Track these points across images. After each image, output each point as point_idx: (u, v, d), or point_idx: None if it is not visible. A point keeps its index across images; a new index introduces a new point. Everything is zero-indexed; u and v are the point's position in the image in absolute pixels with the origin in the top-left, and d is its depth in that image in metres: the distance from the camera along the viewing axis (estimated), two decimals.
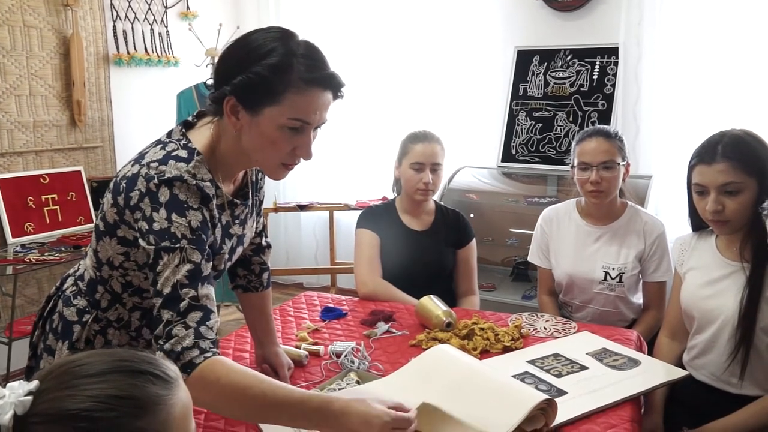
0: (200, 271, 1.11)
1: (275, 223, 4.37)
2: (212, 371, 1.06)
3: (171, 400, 0.72)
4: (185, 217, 1.11)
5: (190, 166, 1.15)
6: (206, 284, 1.12)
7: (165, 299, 1.09)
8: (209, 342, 1.08)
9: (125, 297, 1.28)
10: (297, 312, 1.97)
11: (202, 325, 1.08)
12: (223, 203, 1.24)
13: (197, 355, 1.06)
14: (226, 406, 1.09)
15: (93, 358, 0.71)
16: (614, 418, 1.33)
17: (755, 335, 1.53)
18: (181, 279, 1.09)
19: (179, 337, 1.06)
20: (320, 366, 1.58)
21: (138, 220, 1.13)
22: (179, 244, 1.10)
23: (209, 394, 1.06)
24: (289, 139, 1.16)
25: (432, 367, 1.45)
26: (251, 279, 1.55)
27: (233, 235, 1.30)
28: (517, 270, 3.44)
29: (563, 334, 1.77)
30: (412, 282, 2.10)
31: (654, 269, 2.09)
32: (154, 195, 1.11)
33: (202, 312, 1.09)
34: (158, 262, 1.10)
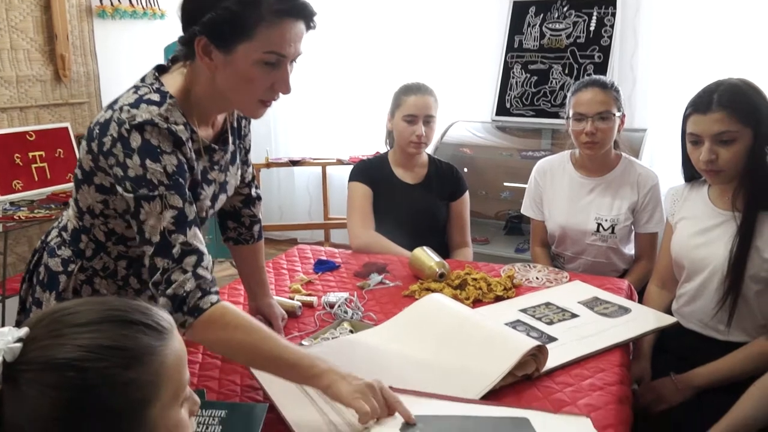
0: (185, 215, 1.12)
1: (268, 179, 4.37)
2: (223, 316, 1.10)
3: (164, 350, 0.71)
4: (160, 163, 1.12)
5: (162, 110, 1.14)
6: (193, 227, 1.14)
7: (156, 247, 1.11)
8: (209, 282, 1.12)
9: (109, 245, 1.29)
10: (290, 265, 1.99)
11: (198, 267, 1.11)
12: (199, 148, 1.24)
13: (201, 297, 1.10)
14: (230, 352, 1.15)
15: (84, 307, 0.71)
16: (603, 363, 1.37)
17: (744, 283, 1.56)
18: (168, 226, 1.11)
19: (179, 282, 1.09)
20: (314, 316, 1.61)
21: (112, 166, 1.14)
22: (158, 191, 1.11)
23: (216, 339, 1.11)
24: (267, 75, 1.16)
25: (425, 315, 1.49)
26: (242, 232, 1.56)
27: (212, 181, 1.30)
28: (510, 223, 3.47)
29: (555, 284, 1.81)
30: (405, 235, 2.13)
31: (646, 220, 2.12)
32: (125, 140, 1.11)
33: (196, 255, 1.12)
34: (140, 210, 1.11)
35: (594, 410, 1.19)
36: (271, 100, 1.21)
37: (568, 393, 1.25)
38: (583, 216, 2.13)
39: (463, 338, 1.37)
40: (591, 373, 1.33)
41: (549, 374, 1.31)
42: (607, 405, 1.21)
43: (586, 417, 1.15)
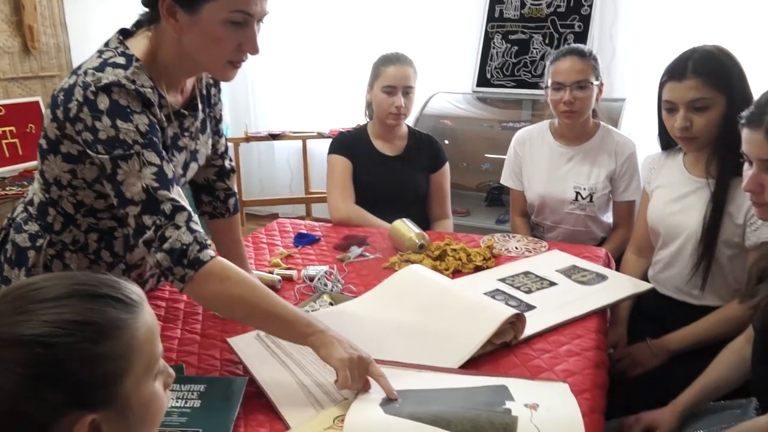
0: (164, 172, 1.11)
1: (247, 154, 4.33)
2: (222, 270, 1.10)
3: (134, 324, 0.70)
4: (131, 122, 1.10)
5: (128, 72, 1.13)
6: (176, 185, 1.13)
7: (143, 206, 1.09)
8: (203, 236, 1.12)
9: (79, 218, 1.28)
10: (270, 239, 1.99)
11: (190, 222, 1.11)
12: (169, 113, 1.22)
13: (200, 249, 1.09)
14: (227, 306, 1.14)
15: (50, 282, 0.70)
16: (580, 329, 1.39)
17: (717, 248, 1.59)
18: (151, 183, 1.10)
19: (175, 236, 1.08)
20: (293, 290, 1.60)
21: (81, 132, 1.12)
22: (133, 150, 1.09)
23: (215, 292, 1.10)
24: (234, 35, 1.14)
25: (404, 286, 1.49)
26: (217, 205, 1.55)
27: (183, 148, 1.29)
28: (491, 195, 3.48)
29: (534, 253, 1.82)
30: (385, 207, 2.13)
31: (624, 188, 2.14)
32: (92, 103, 1.10)
33: (186, 211, 1.11)
34: (117, 172, 1.10)
35: (571, 375, 1.21)
36: (240, 61, 1.20)
37: (545, 359, 1.27)
38: (562, 185, 2.15)
39: (442, 308, 1.38)
40: (568, 339, 1.35)
41: (527, 341, 1.33)
42: (583, 370, 1.23)
43: (564, 382, 1.17)
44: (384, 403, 1.07)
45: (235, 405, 1.07)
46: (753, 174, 1.12)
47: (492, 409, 1.03)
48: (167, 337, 1.35)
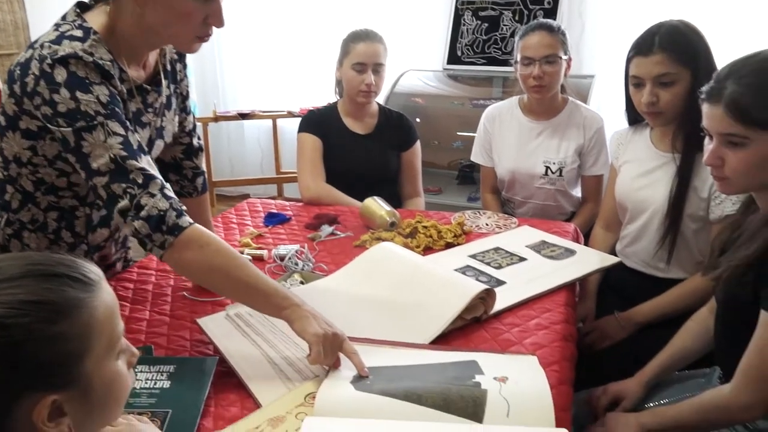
0: (130, 142, 1.10)
1: (217, 134, 4.28)
2: (201, 236, 1.10)
3: (92, 302, 0.69)
4: (91, 93, 1.08)
5: (85, 45, 1.11)
6: (144, 154, 1.12)
7: (112, 175, 1.08)
8: (179, 204, 1.11)
9: (38, 196, 1.25)
10: (240, 219, 1.97)
11: (164, 190, 1.10)
12: (131, 88, 1.20)
13: (178, 216, 1.09)
14: (204, 274, 1.13)
15: (4, 263, 0.68)
16: (549, 303, 1.41)
17: (682, 222, 1.62)
18: (118, 152, 1.08)
19: (151, 204, 1.07)
20: (264, 269, 1.59)
21: (39, 106, 1.10)
22: (96, 121, 1.08)
23: (193, 259, 1.09)
24: (201, 9, 1.13)
25: (375, 264, 1.50)
26: (184, 184, 1.53)
27: (147, 124, 1.27)
28: (462, 173, 3.49)
29: (504, 230, 1.84)
30: (356, 186, 2.12)
31: (592, 163, 2.16)
32: (49, 76, 1.07)
33: (158, 179, 1.11)
34: (81, 144, 1.08)
35: (540, 348, 1.23)
36: (207, 35, 1.18)
37: (515, 333, 1.29)
38: (532, 160, 2.16)
39: (413, 285, 1.39)
40: (537, 313, 1.37)
41: (497, 316, 1.35)
42: (552, 343, 1.25)
43: (533, 355, 1.18)
44: (355, 380, 1.07)
45: (205, 385, 1.07)
46: (713, 148, 1.13)
47: (462, 383, 1.04)
48: (135, 319, 1.34)
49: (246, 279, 1.10)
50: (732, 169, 1.12)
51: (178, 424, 0.97)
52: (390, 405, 0.98)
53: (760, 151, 1.08)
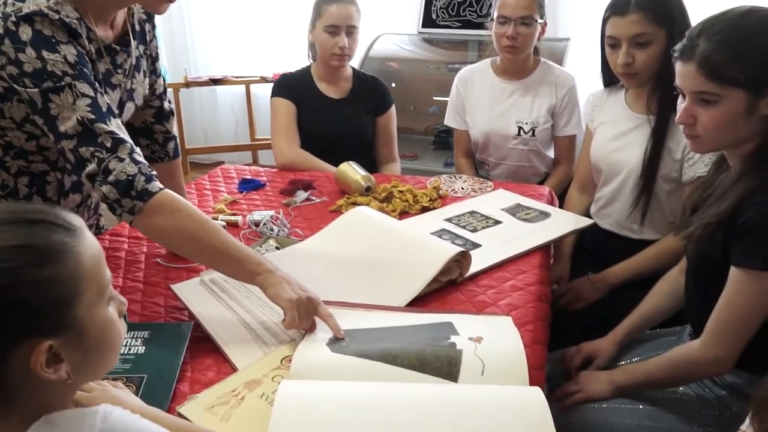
0: (99, 104, 1.08)
1: (189, 100, 4.20)
2: (172, 201, 1.09)
3: (78, 248, 0.68)
4: (58, 53, 1.05)
5: (51, 2, 1.07)
6: (113, 117, 1.10)
7: (79, 138, 1.06)
8: (149, 168, 1.09)
9: (8, 160, 1.23)
10: (213, 185, 1.95)
11: (133, 154, 1.08)
12: (99, 48, 1.17)
13: (147, 181, 1.07)
14: (176, 240, 1.12)
15: None
16: (524, 265, 1.42)
17: (656, 183, 1.64)
18: (86, 115, 1.06)
19: (119, 168, 1.06)
20: (239, 236, 1.58)
21: (4, 66, 1.07)
22: (64, 81, 1.05)
23: (164, 224, 1.08)
24: None
25: (351, 228, 1.50)
26: (155, 149, 1.50)
27: (117, 85, 1.24)
28: (439, 138, 3.48)
29: (480, 193, 1.85)
30: (331, 151, 2.10)
31: (565, 123, 2.17)
32: (14, 35, 1.04)
33: (128, 143, 1.09)
34: (49, 106, 1.05)
35: (514, 309, 1.24)
36: None
37: (490, 295, 1.30)
38: (505, 120, 2.17)
39: (389, 248, 1.39)
40: (512, 275, 1.38)
41: (472, 278, 1.36)
42: (526, 304, 1.27)
43: (507, 316, 1.20)
44: (331, 342, 1.08)
45: (180, 350, 1.06)
46: (685, 106, 1.14)
47: (437, 344, 1.05)
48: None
49: (218, 245, 1.10)
50: (704, 128, 1.13)
51: (154, 388, 0.97)
52: (365, 366, 0.99)
53: (731, 108, 1.09)
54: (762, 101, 1.08)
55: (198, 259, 1.23)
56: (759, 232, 1.06)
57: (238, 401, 0.96)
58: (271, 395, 0.95)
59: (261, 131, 3.89)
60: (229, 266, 1.12)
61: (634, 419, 1.27)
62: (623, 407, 1.29)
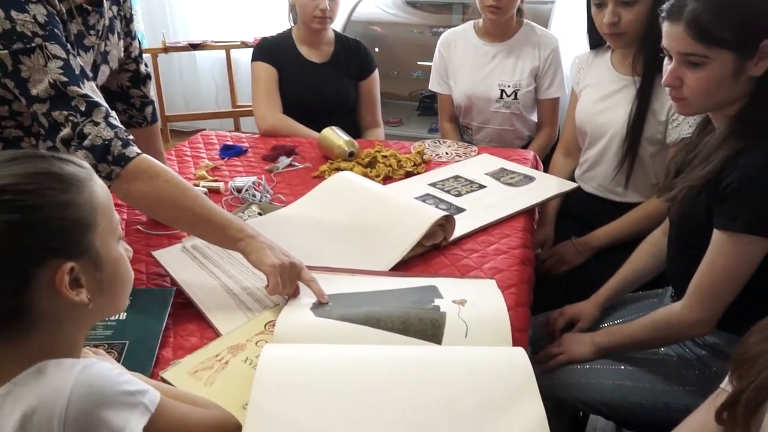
0: (71, 66, 1.05)
1: (168, 66, 4.12)
2: (150, 167, 1.07)
3: (90, 182, 0.73)
4: (27, 13, 1.03)
5: None
6: (87, 81, 1.08)
7: (52, 102, 1.04)
8: (125, 133, 1.07)
9: None
10: (194, 152, 1.93)
11: (109, 118, 1.07)
12: (71, 8, 1.14)
13: (124, 146, 1.06)
14: (155, 206, 1.11)
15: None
16: (508, 229, 1.43)
17: (640, 146, 1.64)
18: (58, 77, 1.04)
19: (94, 133, 1.04)
20: (221, 202, 1.57)
21: None
22: (34, 43, 1.03)
23: (143, 190, 1.07)
24: None
25: (335, 193, 1.49)
26: (133, 114, 1.48)
27: (90, 47, 1.21)
28: (423, 103, 3.45)
29: (464, 158, 1.84)
30: (313, 116, 2.08)
31: (548, 85, 2.15)
32: None
33: (103, 107, 1.07)
34: (20, 68, 1.03)
35: (498, 272, 1.25)
36: None
37: (474, 259, 1.31)
38: (487, 83, 2.15)
39: (372, 213, 1.39)
40: (496, 239, 1.39)
41: (456, 243, 1.36)
42: (510, 267, 1.27)
43: (491, 279, 1.21)
44: (315, 307, 1.08)
45: (163, 316, 1.06)
46: (672, 68, 1.13)
47: (421, 307, 1.06)
48: None
49: (198, 210, 1.09)
50: (690, 90, 1.12)
51: (137, 354, 0.97)
52: (349, 329, 1.00)
53: (718, 70, 1.08)
54: (749, 62, 1.07)
55: (178, 225, 1.22)
56: (742, 195, 1.07)
57: (222, 366, 0.97)
58: (255, 359, 0.95)
59: (243, 98, 3.84)
60: (210, 232, 1.11)
61: (615, 379, 1.29)
62: (605, 368, 1.31)
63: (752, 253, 1.09)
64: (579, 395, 1.30)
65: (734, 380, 0.83)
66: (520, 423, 0.78)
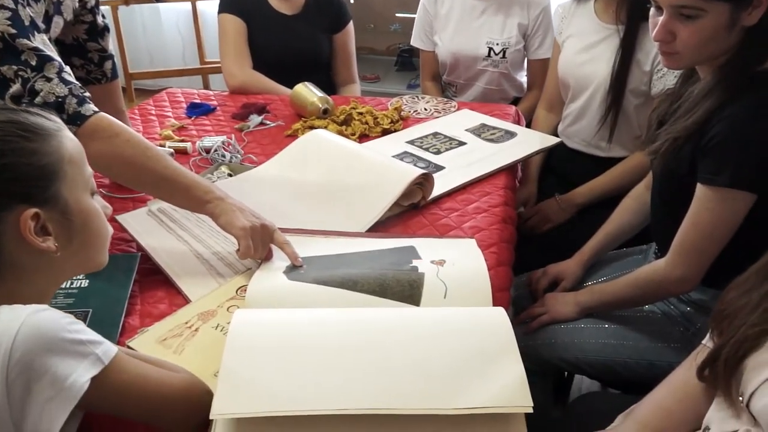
0: (20, 17, 1.02)
1: (129, 20, 4.00)
2: (109, 125, 1.06)
3: (59, 133, 0.75)
4: None
5: None
6: (37, 32, 1.05)
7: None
8: (81, 89, 1.05)
9: None
10: (159, 110, 1.90)
11: (62, 73, 1.04)
12: None
13: (79, 103, 1.04)
14: (115, 167, 1.09)
15: None
16: (489, 187, 1.43)
17: (625, 97, 1.64)
18: (5, 29, 1.01)
19: (47, 89, 1.02)
20: (188, 163, 1.56)
21: None
22: None
23: (102, 150, 1.05)
24: None
25: (308, 152, 1.48)
26: (91, 69, 1.44)
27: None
28: (401, 58, 3.42)
29: (443, 114, 1.83)
30: (285, 72, 2.05)
31: (538, 45, 2.13)
32: None
33: (55, 62, 1.04)
34: None
35: (479, 231, 1.25)
36: None
37: (453, 218, 1.30)
38: (475, 40, 2.12)
39: (347, 172, 1.38)
40: (477, 197, 1.39)
41: (435, 202, 1.36)
42: (491, 226, 1.28)
43: (471, 238, 1.21)
44: (288, 270, 1.08)
45: (128, 283, 1.06)
46: (663, 21, 1.10)
47: (399, 268, 1.05)
48: None
49: (162, 171, 1.07)
50: (683, 43, 1.09)
51: (101, 322, 0.96)
52: (325, 293, 1.00)
53: (713, 22, 1.05)
54: (744, 12, 1.05)
55: (141, 188, 1.21)
56: (727, 148, 1.06)
57: (192, 333, 0.96)
58: (227, 326, 0.95)
59: (211, 54, 3.74)
60: (175, 194, 1.09)
61: (599, 338, 1.31)
62: (589, 327, 1.33)
63: (736, 207, 1.09)
64: (563, 355, 1.31)
65: (715, 336, 0.84)
66: (500, 384, 0.79)
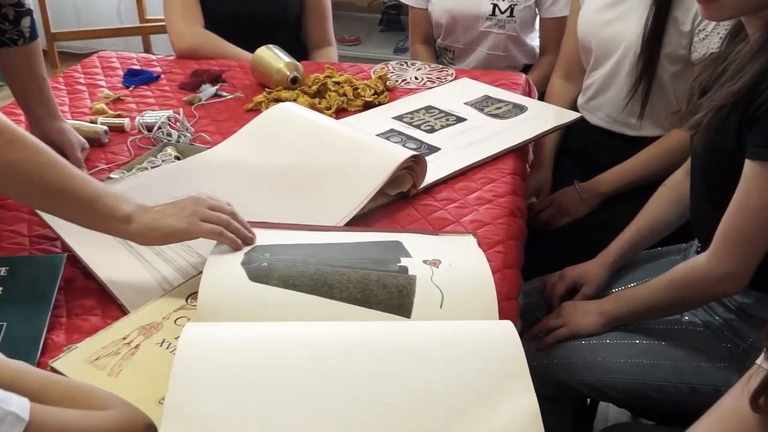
0: None
1: None
2: None
3: None
4: None
5: None
6: None
7: None
8: None
9: None
10: (89, 79, 1.91)
11: None
12: None
13: None
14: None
15: None
16: (494, 172, 1.44)
17: (659, 64, 1.65)
18: None
19: None
20: (126, 143, 1.56)
21: None
22: None
23: None
24: None
25: (273, 131, 1.49)
26: (5, 28, 1.43)
27: None
28: (387, 16, 3.45)
29: (438, 84, 1.84)
30: (245, 33, 2.07)
31: (552, 1, 2.14)
32: None
33: None
34: None
35: (481, 227, 1.26)
36: None
37: (451, 210, 1.31)
38: None
39: (321, 154, 1.38)
40: (479, 185, 1.40)
41: (429, 190, 1.37)
42: (496, 220, 1.29)
43: (471, 235, 1.21)
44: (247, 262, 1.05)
45: (51, 289, 1.06)
46: None
47: (384, 268, 1.05)
48: None
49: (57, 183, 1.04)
50: None
51: (17, 338, 0.96)
52: (294, 300, 0.99)
53: None
54: None
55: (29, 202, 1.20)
56: None
57: (131, 351, 0.96)
58: (174, 341, 0.95)
59: (154, 10, 3.75)
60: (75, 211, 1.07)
61: (629, 357, 1.32)
62: (616, 342, 1.34)
63: None
64: (584, 378, 1.32)
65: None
66: (507, 416, 0.79)
